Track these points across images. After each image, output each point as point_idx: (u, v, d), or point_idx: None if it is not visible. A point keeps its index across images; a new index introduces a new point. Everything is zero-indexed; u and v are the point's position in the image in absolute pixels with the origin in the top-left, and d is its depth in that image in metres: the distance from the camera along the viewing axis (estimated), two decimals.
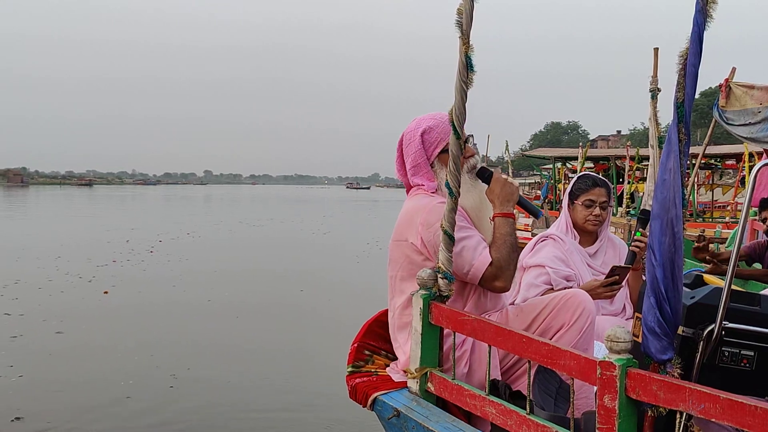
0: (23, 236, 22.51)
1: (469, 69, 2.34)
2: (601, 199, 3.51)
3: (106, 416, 5.64)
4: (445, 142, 2.80)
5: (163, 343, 8.03)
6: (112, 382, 6.47)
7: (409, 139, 2.90)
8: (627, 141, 26.99)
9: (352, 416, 5.36)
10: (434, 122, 2.86)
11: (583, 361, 1.91)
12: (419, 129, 2.87)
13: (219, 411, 5.81)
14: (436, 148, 2.85)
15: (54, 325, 8.81)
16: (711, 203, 25.05)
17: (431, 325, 2.53)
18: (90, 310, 9.95)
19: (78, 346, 7.87)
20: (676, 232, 1.80)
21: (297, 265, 15.65)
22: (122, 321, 9.25)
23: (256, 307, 10.52)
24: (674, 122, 1.84)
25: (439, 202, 2.68)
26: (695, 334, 1.97)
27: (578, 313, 2.65)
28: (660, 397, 1.69)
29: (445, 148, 2.81)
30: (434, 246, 2.64)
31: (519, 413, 2.13)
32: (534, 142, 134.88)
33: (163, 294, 11.50)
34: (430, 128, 2.86)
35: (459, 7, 2.31)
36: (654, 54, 3.63)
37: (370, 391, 2.69)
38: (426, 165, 2.86)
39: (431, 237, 2.67)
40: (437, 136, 2.84)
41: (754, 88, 5.98)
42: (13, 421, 5.44)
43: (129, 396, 6.12)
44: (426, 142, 2.85)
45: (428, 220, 2.69)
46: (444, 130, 2.81)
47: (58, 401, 5.94)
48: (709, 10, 1.77)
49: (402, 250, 2.79)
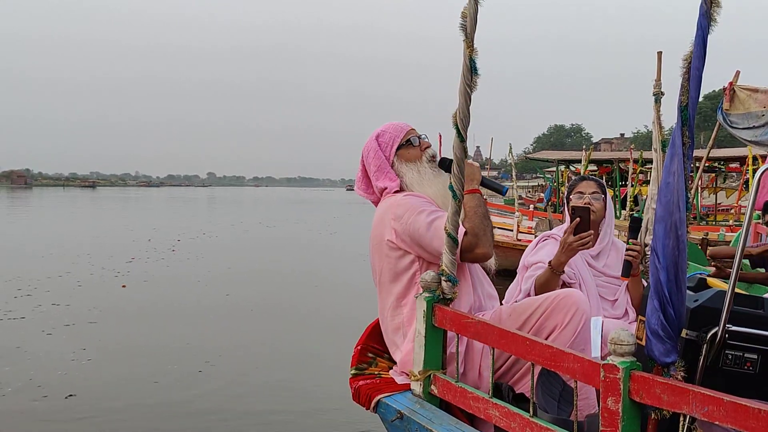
0: (49, 236, 23.31)
1: (473, 72, 2.35)
2: (590, 190, 3.55)
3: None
4: (399, 138, 3.02)
5: (192, 337, 8.47)
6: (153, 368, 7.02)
7: (367, 149, 3.07)
8: (630, 144, 26.99)
9: (355, 418, 5.36)
10: (385, 127, 3.10)
11: (587, 363, 1.91)
12: (373, 136, 3.08)
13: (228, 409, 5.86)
14: (392, 147, 3.02)
15: (95, 314, 9.63)
16: (714, 206, 25.04)
17: (435, 327, 2.53)
18: (125, 303, 10.67)
19: (123, 332, 8.60)
20: (679, 235, 1.80)
21: (309, 265, 16.09)
22: (158, 311, 10.09)
23: (272, 305, 10.89)
24: (678, 125, 1.84)
25: (405, 195, 2.87)
26: (699, 337, 1.97)
27: (572, 313, 2.63)
28: (663, 400, 1.69)
29: (400, 143, 3.02)
30: (408, 234, 2.76)
31: (522, 416, 2.13)
32: (537, 145, 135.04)
33: (188, 289, 12.19)
34: (383, 131, 3.07)
35: (463, 11, 2.32)
36: (657, 57, 3.63)
37: (374, 394, 2.69)
38: (387, 165, 3.01)
39: (403, 227, 2.77)
40: (391, 136, 3.04)
41: (758, 91, 5.98)
42: (67, 397, 6.07)
43: (157, 381, 6.59)
44: (382, 144, 3.04)
45: (397, 213, 2.81)
46: (395, 129, 3.05)
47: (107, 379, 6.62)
48: (714, 14, 1.77)
49: (381, 251, 2.88)
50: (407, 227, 2.75)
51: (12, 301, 10.47)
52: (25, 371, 6.78)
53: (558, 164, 28.87)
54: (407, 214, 2.76)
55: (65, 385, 6.39)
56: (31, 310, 9.84)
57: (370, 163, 3.04)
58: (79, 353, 7.51)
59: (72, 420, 5.54)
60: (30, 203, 59.42)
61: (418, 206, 2.78)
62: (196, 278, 13.39)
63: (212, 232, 25.83)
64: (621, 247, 3.59)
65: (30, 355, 7.42)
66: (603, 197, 3.56)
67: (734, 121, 6.26)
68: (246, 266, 15.63)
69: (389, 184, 2.97)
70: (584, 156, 23.14)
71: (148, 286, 12.38)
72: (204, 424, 5.54)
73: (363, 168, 3.10)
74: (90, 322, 9.13)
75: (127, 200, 72.09)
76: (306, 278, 13.91)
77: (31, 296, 10.96)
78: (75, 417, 5.60)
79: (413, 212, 2.76)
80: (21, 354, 7.46)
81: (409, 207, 2.78)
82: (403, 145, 3.02)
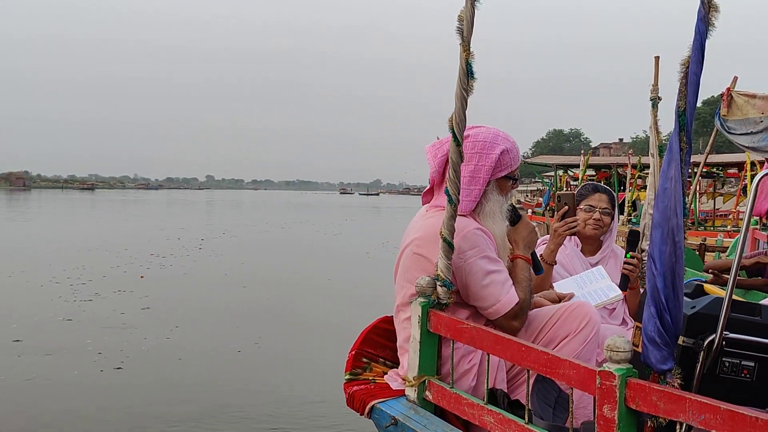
0: (85, 235, 24.95)
1: (470, 76, 2.33)
2: (602, 205, 3.53)
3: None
4: (511, 168, 2.77)
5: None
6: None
7: (482, 149, 2.73)
8: (629, 149, 26.96)
9: (350, 423, 5.34)
10: (511, 145, 2.78)
11: (583, 370, 1.89)
12: (499, 146, 2.74)
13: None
14: (503, 171, 2.75)
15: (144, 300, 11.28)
16: (713, 212, 25.06)
17: (429, 333, 2.51)
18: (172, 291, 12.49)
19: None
20: (677, 242, 1.79)
21: (318, 267, 16.92)
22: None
23: (277, 305, 11.51)
24: (675, 131, 1.82)
25: (477, 228, 2.63)
26: (696, 344, 1.96)
27: (584, 322, 2.65)
28: (660, 408, 1.68)
29: (508, 174, 2.76)
30: (462, 273, 2.60)
31: (517, 423, 2.11)
32: (536, 150, 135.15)
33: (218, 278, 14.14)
34: (508, 150, 2.76)
35: (460, 14, 2.30)
36: (655, 62, 3.63)
37: (368, 399, 2.67)
38: (484, 182, 2.72)
39: (461, 263, 2.58)
40: (510, 160, 2.76)
41: (756, 97, 5.97)
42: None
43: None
44: (501, 162, 2.74)
45: (461, 246, 2.56)
46: (516, 157, 2.78)
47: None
48: (711, 19, 1.76)
49: (419, 264, 2.68)
50: (465, 266, 2.59)
51: (81, 288, 12.29)
52: (118, 343, 8.26)
53: (556, 169, 28.92)
54: (471, 251, 2.57)
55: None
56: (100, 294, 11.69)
57: (471, 162, 2.69)
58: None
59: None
60: (39, 205, 59.65)
61: (484, 249, 2.61)
62: (223, 272, 15.03)
63: (231, 232, 28.23)
64: (620, 254, 3.59)
65: (128, 329, 9.09)
66: (612, 213, 3.56)
67: (732, 126, 6.26)
68: (271, 262, 17.48)
69: (468, 200, 2.69)
70: (582, 161, 23.14)
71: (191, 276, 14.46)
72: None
73: (443, 165, 2.75)
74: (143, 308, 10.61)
75: (136, 203, 72.93)
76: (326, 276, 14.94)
77: (86, 284, 12.68)
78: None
79: (478, 254, 2.61)
80: (120, 328, 9.16)
81: (477, 245, 2.58)
82: (507, 176, 2.77)
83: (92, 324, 9.30)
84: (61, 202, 67.87)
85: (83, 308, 10.41)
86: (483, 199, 2.74)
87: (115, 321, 9.53)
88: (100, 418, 5.70)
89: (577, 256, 3.51)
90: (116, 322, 9.43)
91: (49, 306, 10.47)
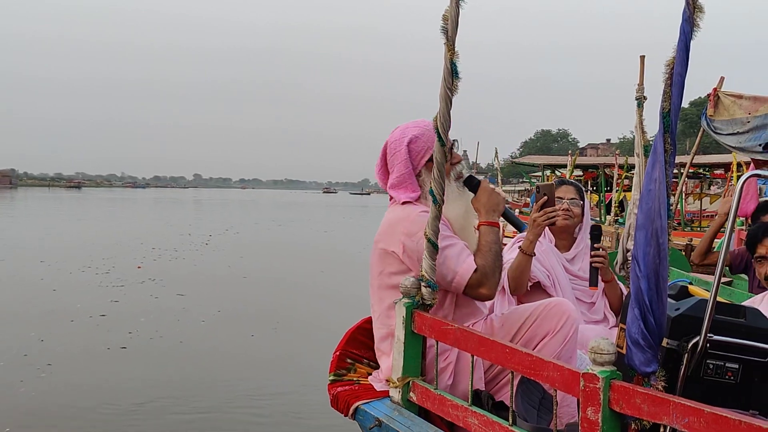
0: (98, 232, 26.68)
1: (454, 76, 2.31)
2: (569, 195, 3.57)
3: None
4: (432, 150, 2.71)
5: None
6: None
7: (394, 149, 2.84)
8: (616, 149, 27.07)
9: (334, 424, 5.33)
10: (419, 130, 2.82)
11: (567, 372, 1.88)
12: (405, 138, 2.82)
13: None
14: (423, 157, 2.81)
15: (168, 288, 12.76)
16: (699, 212, 25.16)
17: (414, 334, 2.50)
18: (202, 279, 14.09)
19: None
20: (660, 243, 1.78)
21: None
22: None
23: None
24: (660, 132, 1.81)
25: (422, 211, 2.67)
26: (680, 346, 1.95)
27: (563, 321, 2.64)
28: (644, 410, 1.67)
29: (432, 155, 2.73)
30: (416, 254, 2.62)
31: (501, 424, 2.11)
32: (524, 150, 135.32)
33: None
34: (417, 137, 2.81)
35: (444, 13, 2.29)
36: (640, 62, 3.63)
37: (352, 400, 2.66)
38: (412, 176, 2.80)
39: (413, 245, 2.64)
40: (424, 145, 2.79)
41: (743, 97, 6.00)
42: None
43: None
44: (413, 151, 2.81)
45: (410, 230, 2.65)
46: (430, 137, 2.75)
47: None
48: (696, 19, 1.75)
49: (382, 258, 2.76)
50: (417, 246, 2.60)
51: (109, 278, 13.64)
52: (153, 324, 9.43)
53: (544, 169, 28.93)
54: (421, 232, 2.57)
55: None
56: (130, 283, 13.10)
57: (394, 166, 2.84)
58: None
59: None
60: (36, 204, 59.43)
61: None
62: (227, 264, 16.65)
63: (234, 228, 30.58)
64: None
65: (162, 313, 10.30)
66: (582, 203, 3.60)
67: (718, 127, 6.28)
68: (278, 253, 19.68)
69: (409, 196, 2.78)
70: (570, 161, 23.18)
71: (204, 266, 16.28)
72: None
73: (384, 162, 2.91)
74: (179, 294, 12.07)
75: (124, 201, 72.65)
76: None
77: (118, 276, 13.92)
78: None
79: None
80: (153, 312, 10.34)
81: (423, 226, 2.59)
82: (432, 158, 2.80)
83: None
84: (49, 201, 67.63)
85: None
86: (422, 186, 2.80)
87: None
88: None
89: (552, 252, 3.53)
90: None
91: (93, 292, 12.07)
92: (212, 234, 26.42)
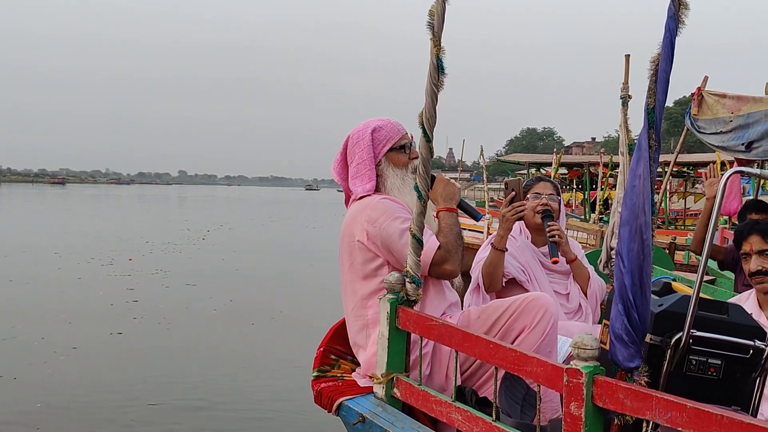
0: (96, 229, 26.49)
1: (440, 71, 2.31)
2: (547, 191, 3.65)
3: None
4: (394, 140, 2.94)
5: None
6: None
7: (357, 138, 2.95)
8: (601, 148, 27.16)
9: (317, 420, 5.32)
10: (383, 122, 2.97)
11: (550, 368, 1.89)
12: (368, 128, 2.95)
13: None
14: (384, 146, 2.94)
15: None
16: (684, 211, 25.30)
17: (398, 329, 2.50)
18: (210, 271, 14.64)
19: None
20: (644, 239, 1.78)
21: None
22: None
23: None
24: (645, 128, 1.82)
25: (381, 198, 2.80)
26: (663, 342, 1.95)
27: (540, 315, 2.64)
28: (627, 406, 1.67)
29: (392, 146, 2.93)
30: (380, 239, 2.71)
31: (485, 420, 2.11)
32: (509, 148, 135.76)
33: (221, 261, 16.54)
34: (380, 127, 2.95)
35: (431, 9, 2.29)
36: (625, 60, 3.64)
37: (336, 396, 2.66)
38: (371, 163, 2.91)
39: (376, 231, 2.72)
40: (386, 134, 2.94)
41: (726, 96, 6.02)
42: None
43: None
44: (375, 139, 2.94)
45: (371, 216, 2.75)
46: (393, 129, 2.96)
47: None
48: (682, 16, 1.76)
49: (350, 251, 2.83)
50: (380, 231, 2.71)
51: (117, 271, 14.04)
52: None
53: (529, 167, 28.96)
54: (382, 218, 2.71)
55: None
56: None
57: (355, 153, 2.94)
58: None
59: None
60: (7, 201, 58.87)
61: (393, 212, 2.75)
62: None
63: (229, 224, 31.16)
64: (571, 245, 3.64)
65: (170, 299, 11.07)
66: (559, 199, 3.67)
67: (702, 126, 6.31)
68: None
69: (364, 186, 2.87)
70: (555, 159, 23.25)
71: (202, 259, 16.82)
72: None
73: (344, 154, 3.00)
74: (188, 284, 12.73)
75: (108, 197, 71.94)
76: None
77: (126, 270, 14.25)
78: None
79: (388, 217, 2.72)
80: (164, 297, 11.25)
81: (384, 211, 2.74)
82: (395, 149, 2.95)
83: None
84: (33, 197, 67.14)
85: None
86: (380, 178, 2.93)
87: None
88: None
89: (527, 248, 3.57)
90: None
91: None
92: (210, 230, 26.73)
